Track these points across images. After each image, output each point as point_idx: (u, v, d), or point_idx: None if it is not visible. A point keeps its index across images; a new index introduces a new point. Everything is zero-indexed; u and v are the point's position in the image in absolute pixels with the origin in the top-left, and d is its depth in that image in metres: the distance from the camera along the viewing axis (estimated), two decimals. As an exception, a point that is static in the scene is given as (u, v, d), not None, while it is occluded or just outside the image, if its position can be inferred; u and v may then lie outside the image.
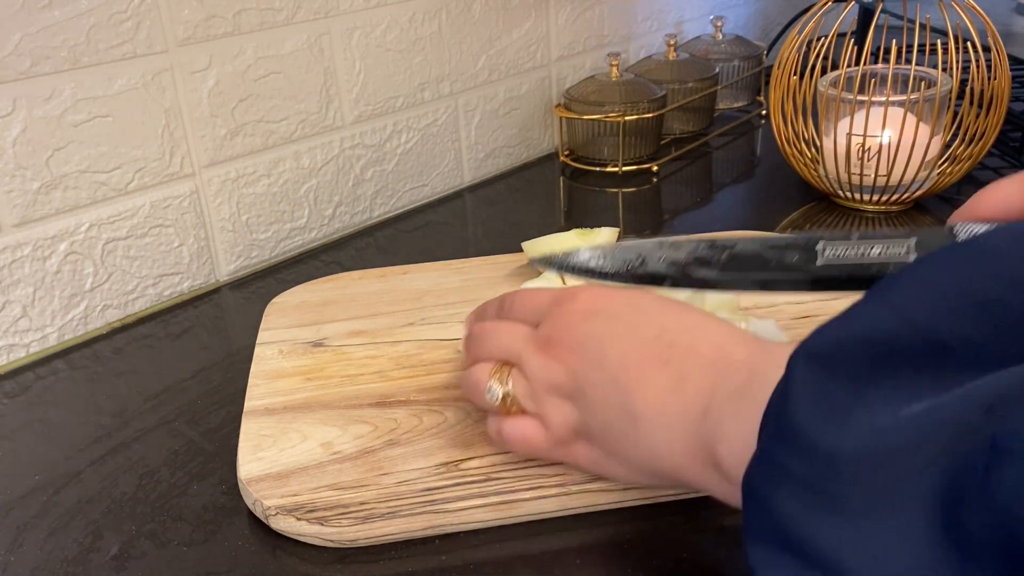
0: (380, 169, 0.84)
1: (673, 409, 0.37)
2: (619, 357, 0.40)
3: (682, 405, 0.37)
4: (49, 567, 0.45)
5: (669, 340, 0.39)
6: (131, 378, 0.62)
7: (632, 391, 0.39)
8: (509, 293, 0.48)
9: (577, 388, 0.41)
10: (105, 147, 0.65)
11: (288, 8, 0.73)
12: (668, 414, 0.38)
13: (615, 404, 0.39)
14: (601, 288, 0.44)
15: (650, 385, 0.38)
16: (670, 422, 0.37)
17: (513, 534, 0.45)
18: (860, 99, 0.75)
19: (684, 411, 0.37)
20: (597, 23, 1.02)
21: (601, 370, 0.40)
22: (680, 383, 0.38)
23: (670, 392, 0.38)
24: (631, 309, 0.41)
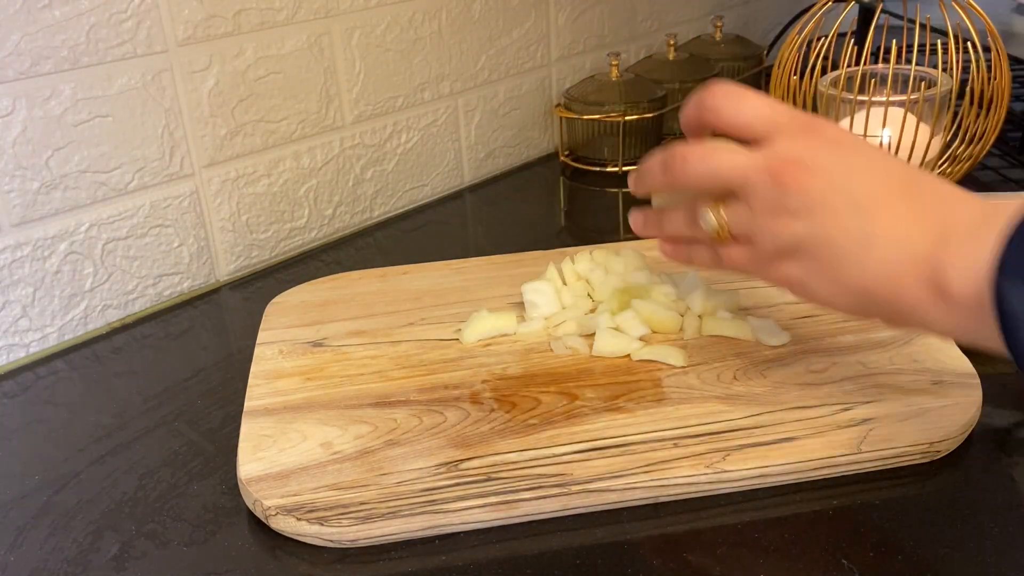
0: (380, 169, 0.84)
1: (913, 235, 0.39)
2: (866, 186, 0.41)
3: (922, 232, 0.39)
4: (49, 567, 0.45)
5: (912, 178, 0.41)
6: (131, 378, 0.62)
7: (874, 215, 0.40)
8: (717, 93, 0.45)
9: (807, 206, 0.41)
10: (105, 147, 0.65)
11: (288, 8, 0.73)
12: (906, 240, 0.39)
13: (854, 228, 0.40)
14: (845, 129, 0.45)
15: (893, 211, 0.40)
16: (908, 245, 0.39)
17: (513, 534, 0.45)
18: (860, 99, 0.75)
19: (924, 237, 0.39)
20: (597, 23, 1.02)
21: (844, 193, 0.41)
22: (923, 213, 0.40)
23: (914, 220, 0.40)
24: (871, 148, 0.43)
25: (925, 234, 0.39)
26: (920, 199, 0.40)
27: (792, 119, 0.43)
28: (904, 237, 0.40)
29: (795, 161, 0.42)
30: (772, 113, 0.43)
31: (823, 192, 0.41)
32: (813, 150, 0.42)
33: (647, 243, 0.71)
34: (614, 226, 0.83)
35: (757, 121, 0.44)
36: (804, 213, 0.42)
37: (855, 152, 0.42)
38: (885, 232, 0.40)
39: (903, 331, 0.53)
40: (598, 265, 0.63)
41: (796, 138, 0.43)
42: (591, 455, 0.47)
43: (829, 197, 0.41)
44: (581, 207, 0.88)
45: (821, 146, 0.42)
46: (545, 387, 0.53)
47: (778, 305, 0.60)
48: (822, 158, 0.42)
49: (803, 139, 0.42)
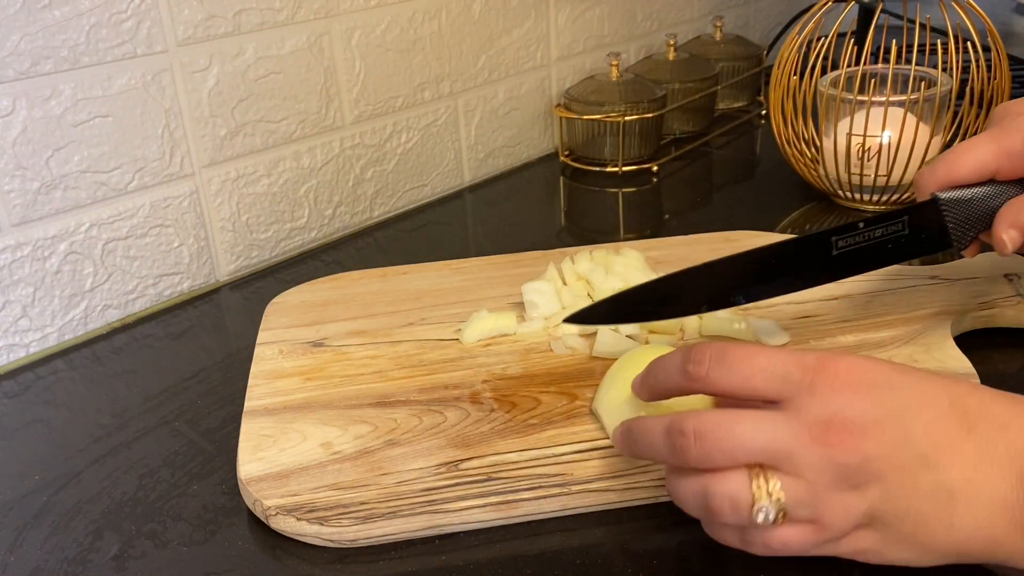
0: (380, 169, 0.84)
1: (992, 478, 0.35)
2: (924, 430, 0.36)
3: (1000, 473, 0.35)
4: (49, 567, 0.45)
5: (963, 406, 0.36)
6: (131, 378, 0.62)
7: (947, 466, 0.35)
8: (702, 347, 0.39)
9: (872, 474, 0.36)
10: (105, 147, 0.65)
11: (288, 8, 0.73)
12: (988, 484, 0.35)
13: (927, 484, 0.35)
14: (851, 355, 0.38)
15: (963, 457, 0.35)
16: (991, 494, 0.35)
17: (513, 534, 0.45)
18: (860, 99, 0.75)
19: (1005, 478, 0.35)
20: (597, 23, 1.02)
21: (906, 448, 0.35)
22: (991, 448, 0.35)
23: (985, 461, 0.35)
24: (906, 377, 0.37)
25: (1005, 476, 0.35)
26: (984, 431, 0.36)
27: (804, 370, 0.37)
28: (984, 485, 0.35)
29: (837, 423, 0.36)
30: (781, 371, 0.37)
31: (883, 454, 0.35)
32: (849, 402, 0.36)
33: (647, 243, 0.71)
34: (614, 226, 0.83)
35: (766, 386, 0.37)
36: (872, 482, 0.36)
37: (889, 387, 0.37)
38: (964, 485, 0.35)
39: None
40: (598, 265, 0.63)
41: (821, 391, 0.36)
42: (591, 455, 0.47)
43: (891, 457, 0.35)
44: (581, 207, 0.88)
45: (853, 395, 0.36)
46: (545, 387, 0.53)
47: (778, 305, 0.60)
48: (861, 409, 0.36)
49: (830, 390, 0.36)
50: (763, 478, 0.36)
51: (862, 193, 0.78)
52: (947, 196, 0.50)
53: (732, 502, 0.36)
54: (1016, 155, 0.48)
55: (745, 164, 0.97)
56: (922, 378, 0.37)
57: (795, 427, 0.36)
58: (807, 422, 0.36)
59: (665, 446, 0.38)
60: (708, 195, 0.89)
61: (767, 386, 0.37)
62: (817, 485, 0.36)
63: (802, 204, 0.82)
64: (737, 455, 0.36)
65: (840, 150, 0.76)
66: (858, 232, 0.49)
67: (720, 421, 0.37)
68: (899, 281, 0.62)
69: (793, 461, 0.36)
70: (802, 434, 0.36)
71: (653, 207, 0.87)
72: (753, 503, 0.36)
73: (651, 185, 0.90)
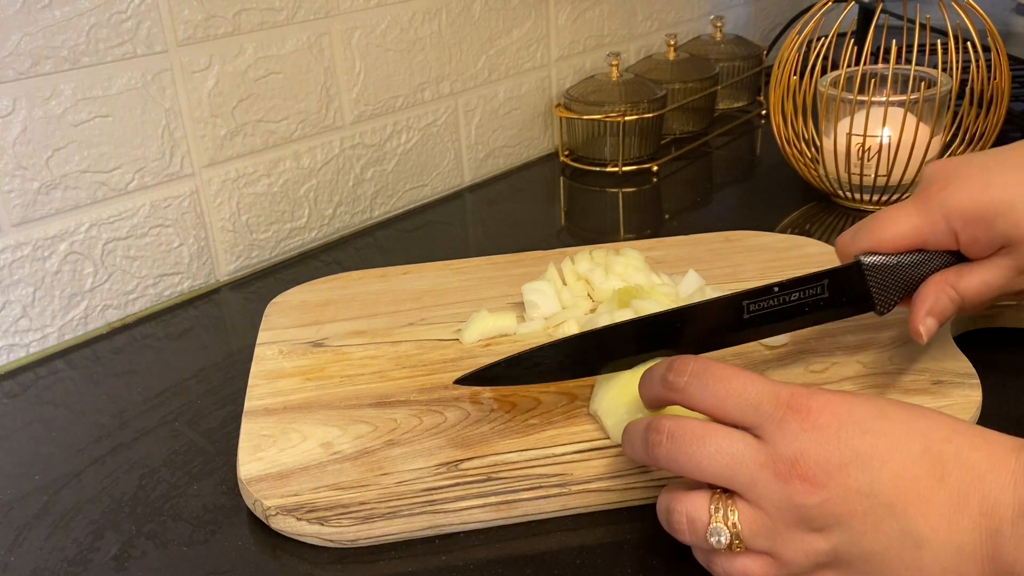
0: (380, 169, 0.84)
1: (962, 530, 0.34)
2: (891, 478, 0.35)
3: (970, 526, 0.34)
4: (49, 567, 0.45)
5: (937, 452, 0.35)
6: (131, 378, 0.62)
7: (914, 516, 0.35)
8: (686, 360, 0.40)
9: (835, 518, 0.35)
10: (105, 147, 0.65)
11: (288, 8, 0.73)
12: (957, 536, 0.34)
13: (893, 531, 0.35)
14: (829, 392, 0.37)
15: (932, 506, 0.35)
16: (960, 544, 0.34)
17: (513, 534, 0.45)
18: (860, 99, 0.75)
19: (974, 531, 0.34)
20: (597, 23, 1.02)
21: (872, 496, 0.35)
22: (963, 500, 0.34)
23: (956, 512, 0.34)
24: (881, 419, 0.36)
25: (976, 529, 0.34)
26: (957, 481, 0.35)
27: (776, 403, 0.37)
28: (954, 535, 0.34)
29: (802, 464, 0.35)
30: (754, 400, 0.37)
31: (846, 500, 0.35)
32: (816, 444, 0.36)
33: (647, 243, 0.71)
34: (614, 226, 0.83)
35: (738, 412, 0.37)
36: (834, 526, 0.35)
37: (861, 430, 0.36)
38: (932, 535, 0.34)
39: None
40: (598, 265, 0.63)
41: (791, 427, 0.36)
42: (591, 455, 0.47)
43: (855, 504, 0.35)
44: (581, 207, 0.88)
45: (822, 436, 0.36)
46: (545, 387, 0.53)
47: (778, 305, 0.60)
48: (828, 452, 0.35)
49: (799, 428, 0.36)
50: (723, 503, 0.37)
51: (862, 193, 0.78)
52: (871, 261, 0.48)
53: (690, 521, 0.37)
54: (939, 232, 0.47)
55: (745, 164, 0.97)
56: (899, 420, 0.36)
57: (762, 457, 0.36)
58: (773, 455, 0.36)
59: (641, 441, 0.39)
60: (708, 195, 0.89)
61: (739, 412, 0.38)
62: (776, 521, 0.36)
63: (802, 204, 0.82)
64: (702, 465, 0.37)
65: (840, 150, 0.76)
66: (772, 296, 0.47)
67: (695, 429, 0.37)
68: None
69: (755, 491, 0.36)
70: (767, 466, 0.36)
71: (653, 207, 0.87)
72: (709, 524, 0.37)
73: (651, 185, 0.90)
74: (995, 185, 0.46)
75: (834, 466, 0.35)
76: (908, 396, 0.50)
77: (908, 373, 0.52)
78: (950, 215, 0.47)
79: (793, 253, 0.68)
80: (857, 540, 0.35)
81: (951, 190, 0.47)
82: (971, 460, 0.35)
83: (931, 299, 0.47)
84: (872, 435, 0.36)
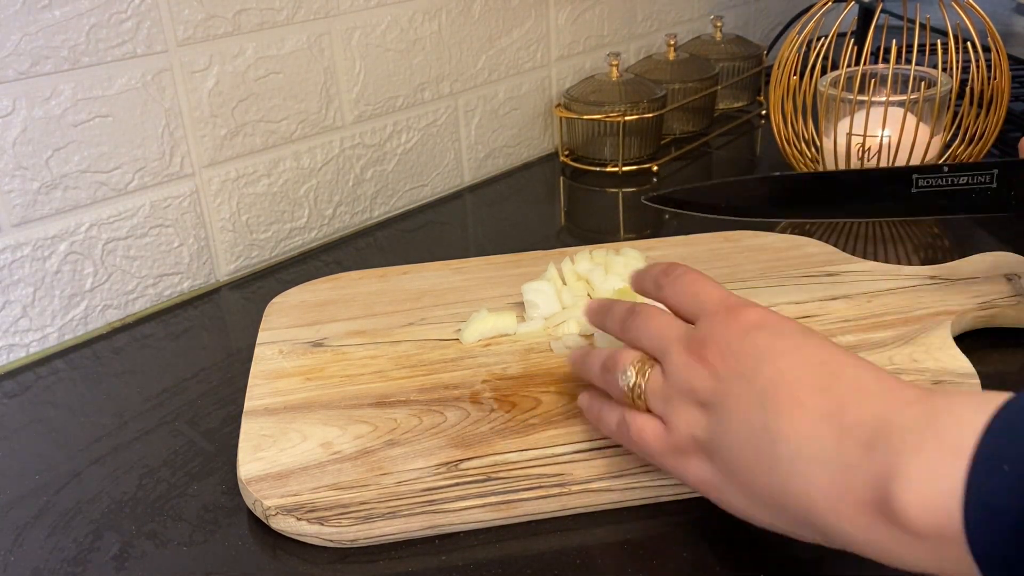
0: (380, 169, 0.84)
1: (824, 438, 0.34)
2: (773, 373, 0.37)
3: (836, 436, 0.33)
4: (49, 567, 0.45)
5: (833, 369, 0.36)
6: (131, 378, 0.62)
7: (780, 411, 0.35)
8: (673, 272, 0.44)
9: (716, 397, 0.38)
10: (105, 147, 0.65)
11: (288, 8, 0.73)
12: (817, 443, 0.34)
13: (756, 423, 0.36)
14: (770, 311, 0.40)
15: (803, 409, 0.35)
16: (817, 453, 0.34)
17: (513, 534, 0.45)
18: (860, 99, 0.75)
19: (838, 443, 0.33)
20: (597, 23, 1.02)
21: (750, 383, 0.37)
22: (838, 412, 0.34)
23: (824, 420, 0.34)
24: (800, 333, 0.38)
25: (843, 439, 0.33)
26: (840, 394, 0.35)
27: (717, 302, 0.41)
28: (814, 443, 0.34)
29: (707, 344, 0.39)
30: (700, 294, 0.42)
31: (728, 382, 0.37)
32: (727, 333, 0.39)
33: (647, 243, 0.71)
34: (614, 226, 0.83)
35: (685, 300, 0.43)
36: (714, 405, 0.38)
37: (775, 334, 0.38)
38: (790, 433, 0.35)
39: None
40: (598, 265, 0.63)
41: (716, 320, 0.40)
42: (591, 455, 0.47)
43: (734, 386, 0.37)
44: (581, 207, 0.88)
45: (737, 330, 0.39)
46: (545, 387, 0.53)
47: (778, 305, 0.60)
48: (733, 341, 0.38)
49: (723, 321, 0.40)
50: (646, 363, 0.42)
51: (862, 193, 0.78)
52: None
53: (617, 363, 0.43)
54: None
55: (745, 164, 0.97)
56: (812, 341, 0.38)
57: (682, 334, 0.41)
58: (690, 335, 0.41)
59: (611, 313, 0.46)
60: (708, 195, 0.89)
61: (692, 308, 0.42)
62: (673, 389, 0.40)
63: (802, 204, 0.82)
64: (641, 332, 0.43)
65: (840, 150, 0.76)
66: (941, 175, 0.49)
67: (654, 311, 0.44)
68: (899, 281, 0.62)
69: (667, 359, 0.41)
70: (682, 341, 0.41)
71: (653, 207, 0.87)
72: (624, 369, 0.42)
73: (651, 185, 0.90)
74: None
75: (731, 351, 0.39)
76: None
77: (908, 373, 0.52)
78: None
79: (793, 253, 0.68)
80: (726, 425, 0.37)
81: None
82: (865, 382, 0.35)
83: None
84: (779, 337, 0.38)
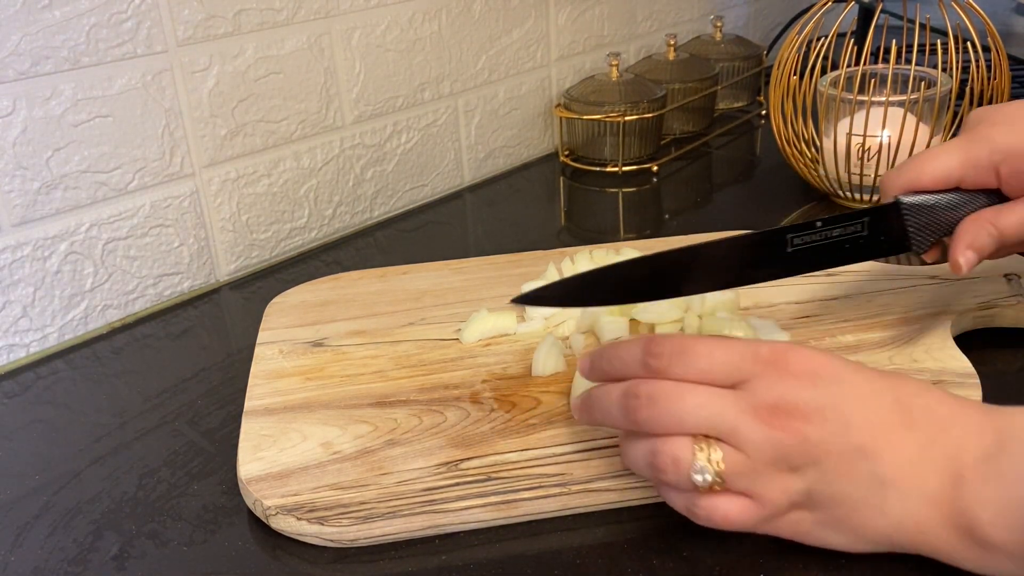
0: (380, 169, 0.84)
1: (926, 474, 0.37)
2: (863, 422, 0.38)
3: (934, 470, 0.37)
4: (49, 567, 0.45)
5: (907, 404, 0.38)
6: (131, 378, 0.62)
7: (882, 457, 0.37)
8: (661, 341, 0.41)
9: (811, 458, 0.38)
10: (105, 147, 0.65)
11: (288, 8, 0.73)
12: (922, 479, 0.37)
13: (862, 472, 0.37)
14: (807, 349, 0.40)
15: (900, 450, 0.37)
16: (923, 487, 0.37)
17: (513, 534, 0.45)
18: (860, 99, 0.75)
19: (937, 476, 0.37)
20: (597, 23, 1.02)
21: (845, 437, 0.37)
22: (929, 446, 0.37)
23: (921, 456, 0.37)
24: (854, 372, 0.39)
25: (941, 472, 0.36)
26: (925, 428, 0.38)
27: (756, 360, 0.39)
28: (918, 479, 0.37)
29: (783, 408, 0.38)
30: (737, 361, 0.39)
31: (822, 441, 0.37)
32: (795, 390, 0.38)
33: (647, 243, 0.71)
34: (614, 226, 0.83)
35: (724, 376, 0.39)
36: (810, 465, 0.38)
37: (837, 380, 0.39)
38: (897, 476, 0.37)
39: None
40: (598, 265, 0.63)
41: (771, 378, 0.38)
42: (591, 455, 0.47)
43: (830, 444, 0.37)
44: (581, 207, 0.88)
45: (800, 384, 0.38)
46: (545, 387, 0.53)
47: (778, 305, 0.60)
48: (807, 397, 0.38)
49: (779, 378, 0.38)
50: (706, 444, 0.38)
51: (862, 193, 0.78)
52: (910, 200, 0.50)
53: (674, 460, 0.39)
54: (981, 167, 0.48)
55: (745, 164, 0.97)
56: (872, 376, 0.39)
57: (742, 405, 0.38)
58: (754, 403, 0.38)
59: (619, 408, 0.41)
60: (708, 195, 0.89)
61: (724, 377, 0.39)
62: (757, 461, 0.38)
63: (802, 204, 0.82)
64: (685, 421, 0.38)
65: (840, 150, 0.76)
66: (815, 231, 0.49)
67: (673, 389, 0.39)
68: (899, 281, 0.62)
69: (737, 436, 0.38)
70: (747, 412, 0.38)
71: (653, 207, 0.87)
72: (694, 462, 0.38)
73: (651, 185, 0.90)
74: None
75: (812, 409, 0.38)
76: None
77: (908, 373, 0.52)
78: (993, 149, 0.48)
79: (793, 253, 0.68)
80: (830, 480, 0.38)
81: (995, 128, 0.48)
82: (938, 412, 0.38)
83: (971, 234, 0.48)
84: (847, 384, 0.38)
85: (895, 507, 0.37)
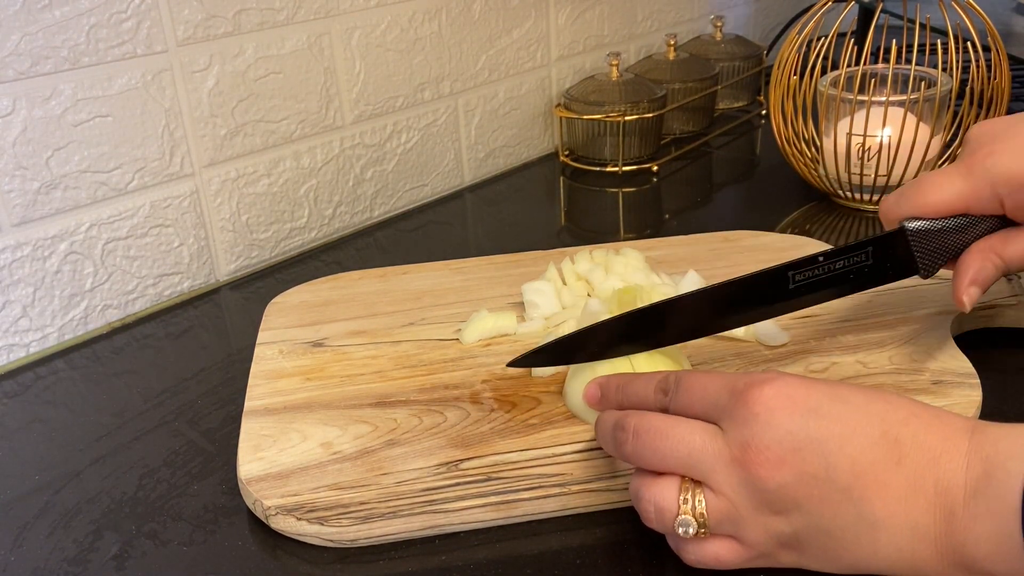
0: (380, 169, 0.84)
1: (917, 511, 0.35)
2: (848, 463, 0.36)
3: (926, 507, 0.35)
4: (49, 567, 0.45)
5: (895, 436, 0.36)
6: (131, 378, 0.62)
7: (870, 499, 0.36)
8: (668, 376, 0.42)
9: (792, 502, 0.36)
10: (105, 147, 0.65)
11: (288, 8, 0.73)
12: (912, 517, 0.35)
13: (849, 515, 0.36)
14: (784, 378, 0.38)
15: (889, 489, 0.36)
16: (915, 525, 0.35)
17: (513, 534, 0.45)
18: (860, 99, 0.75)
19: (930, 513, 0.35)
20: (597, 23, 1.02)
21: (828, 481, 0.36)
22: (919, 483, 0.35)
23: (911, 493, 0.35)
24: (838, 403, 0.37)
25: (930, 510, 0.35)
26: (913, 464, 0.36)
27: (731, 394, 0.38)
28: (909, 516, 0.35)
29: (754, 449, 0.36)
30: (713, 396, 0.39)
31: (802, 484, 0.36)
32: (768, 429, 0.36)
33: (647, 243, 0.71)
34: (614, 226, 0.83)
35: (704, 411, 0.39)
36: (793, 509, 0.37)
37: (816, 414, 0.37)
38: (887, 517, 0.36)
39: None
40: (598, 265, 0.63)
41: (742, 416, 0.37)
42: (591, 455, 0.47)
43: (812, 489, 0.36)
44: (581, 207, 0.88)
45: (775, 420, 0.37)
46: (545, 387, 0.53)
47: (778, 305, 0.60)
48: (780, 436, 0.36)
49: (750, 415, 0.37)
50: (691, 492, 0.38)
51: (862, 193, 0.78)
52: (915, 227, 0.48)
53: (658, 511, 0.39)
54: (984, 199, 0.47)
55: (745, 164, 0.97)
56: (855, 407, 0.37)
57: (718, 445, 0.37)
58: (728, 442, 0.37)
59: (610, 438, 0.41)
60: (708, 195, 0.89)
61: (704, 411, 0.39)
62: (739, 506, 0.37)
63: (802, 204, 0.82)
64: (666, 459, 0.38)
65: (840, 150, 0.76)
66: (817, 265, 0.48)
67: (659, 424, 0.39)
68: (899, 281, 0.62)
69: (715, 478, 0.37)
70: (723, 453, 0.37)
71: (653, 207, 0.87)
72: (677, 515, 0.38)
73: (651, 185, 0.90)
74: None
75: (787, 450, 0.36)
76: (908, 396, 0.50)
77: (908, 373, 0.52)
78: (996, 181, 0.46)
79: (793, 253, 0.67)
80: (815, 522, 0.36)
81: (997, 155, 0.46)
82: (927, 442, 0.36)
83: (975, 267, 0.47)
84: (829, 419, 0.37)
85: (887, 547, 0.36)
